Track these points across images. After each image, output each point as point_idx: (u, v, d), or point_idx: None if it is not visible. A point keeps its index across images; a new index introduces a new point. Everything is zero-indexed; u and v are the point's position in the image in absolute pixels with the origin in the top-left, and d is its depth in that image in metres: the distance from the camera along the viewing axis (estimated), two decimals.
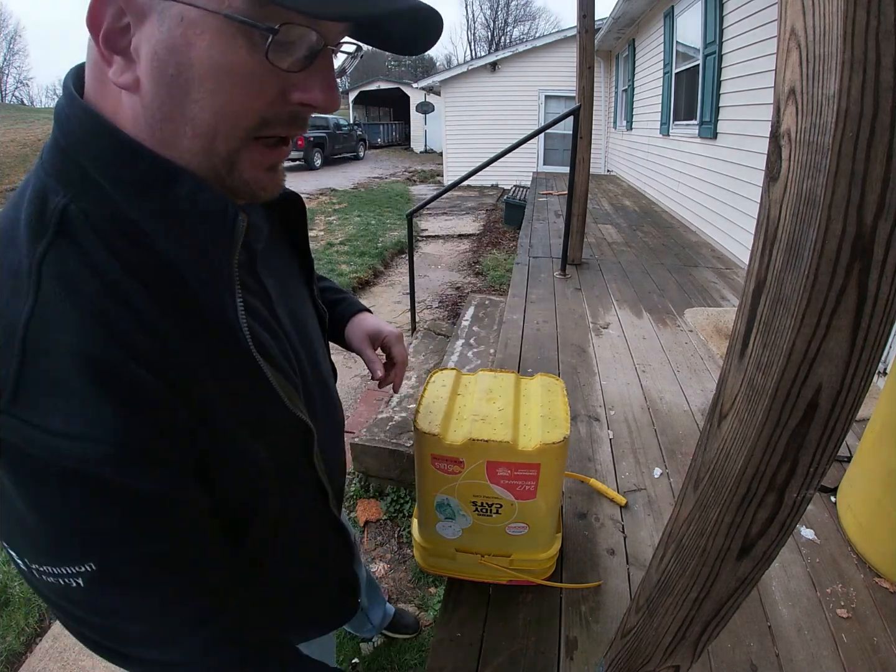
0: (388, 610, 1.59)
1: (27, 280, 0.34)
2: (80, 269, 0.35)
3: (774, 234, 0.39)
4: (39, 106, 37.25)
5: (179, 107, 0.37)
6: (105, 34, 0.35)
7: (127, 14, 0.34)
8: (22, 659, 1.66)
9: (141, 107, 0.37)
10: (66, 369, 0.33)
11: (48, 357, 0.33)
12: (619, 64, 9.52)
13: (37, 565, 0.36)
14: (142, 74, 0.36)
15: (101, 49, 0.35)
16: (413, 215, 3.58)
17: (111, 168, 0.38)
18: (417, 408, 0.91)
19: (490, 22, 38.22)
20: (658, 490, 1.46)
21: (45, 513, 0.34)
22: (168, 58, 0.35)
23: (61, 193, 0.37)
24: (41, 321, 0.33)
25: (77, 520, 0.34)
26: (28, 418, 0.32)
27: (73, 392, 0.33)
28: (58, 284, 0.34)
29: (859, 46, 0.30)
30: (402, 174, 13.94)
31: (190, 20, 0.34)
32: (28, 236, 0.35)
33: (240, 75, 0.36)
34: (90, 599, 0.37)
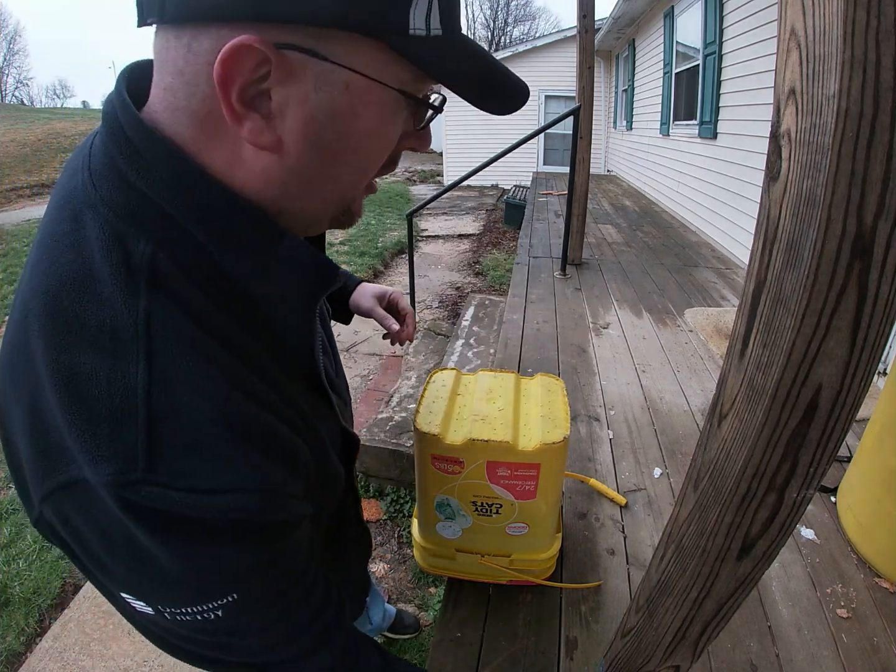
0: (389, 611, 1.60)
1: (134, 341, 0.31)
2: (188, 324, 0.33)
3: (774, 234, 0.39)
4: (39, 106, 37.28)
5: (328, 168, 0.36)
6: (241, 88, 0.31)
7: (271, 66, 0.31)
8: (22, 659, 1.66)
9: (281, 166, 0.35)
10: (203, 431, 0.32)
11: (179, 420, 0.32)
12: (619, 64, 9.52)
13: (172, 608, 0.36)
14: (286, 135, 0.33)
15: (233, 105, 0.31)
16: (413, 215, 3.58)
17: (212, 222, 0.35)
18: (417, 408, 0.91)
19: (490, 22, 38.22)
20: (658, 490, 1.46)
21: (193, 564, 0.34)
22: (328, 124, 0.34)
23: (142, 240, 0.33)
24: (164, 384, 0.31)
25: (224, 565, 0.35)
26: (170, 483, 0.31)
27: (214, 451, 0.32)
28: (171, 343, 0.32)
29: (859, 46, 0.30)
30: (402, 174, 13.93)
31: (357, 89, 0.33)
32: (119, 291, 0.32)
33: (389, 140, 0.38)
34: (222, 626, 0.38)
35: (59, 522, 0.33)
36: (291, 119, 0.33)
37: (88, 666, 1.62)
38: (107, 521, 0.32)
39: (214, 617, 0.36)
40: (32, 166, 11.16)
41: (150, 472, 0.30)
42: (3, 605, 1.82)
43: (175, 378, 0.32)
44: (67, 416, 0.31)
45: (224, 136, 0.34)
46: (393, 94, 0.35)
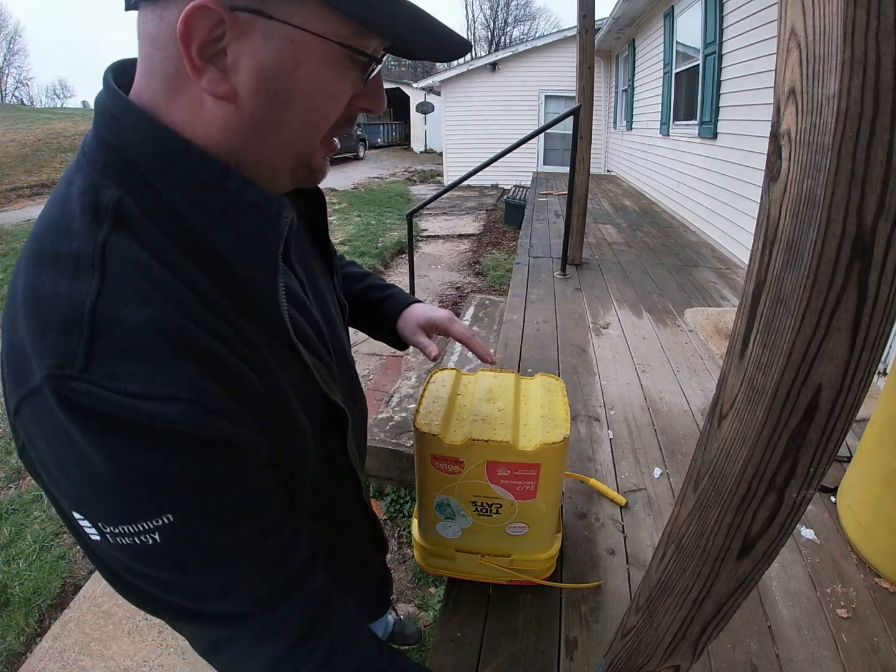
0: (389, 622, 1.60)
1: (90, 262, 0.35)
2: (140, 254, 0.37)
3: (774, 234, 0.39)
4: (39, 106, 37.26)
5: (277, 117, 0.40)
6: (200, 45, 0.36)
7: (226, 27, 0.36)
8: (22, 659, 1.66)
9: (236, 115, 0.40)
10: (141, 339, 0.35)
11: (121, 328, 0.34)
12: (619, 64, 9.52)
13: (112, 527, 0.36)
14: (240, 86, 0.38)
15: (194, 58, 0.36)
16: (413, 215, 3.58)
17: (164, 166, 0.39)
18: (417, 408, 0.91)
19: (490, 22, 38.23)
20: (658, 490, 1.46)
21: (123, 469, 0.35)
22: (275, 75, 0.38)
23: (113, 187, 0.38)
24: (110, 297, 0.35)
25: (155, 473, 0.35)
26: (107, 385, 0.33)
27: (150, 358, 0.35)
28: (122, 265, 0.36)
29: (859, 46, 0.30)
30: (402, 174, 13.93)
31: (301, 43, 0.38)
32: (85, 225, 0.37)
33: (334, 93, 0.42)
34: (165, 553, 0.38)
35: (27, 440, 0.37)
36: (244, 72, 0.38)
37: (88, 666, 1.62)
38: (53, 427, 0.34)
39: (152, 542, 0.37)
40: (32, 166, 11.15)
41: (85, 372, 0.33)
42: (3, 605, 1.82)
43: (122, 294, 0.35)
44: (28, 328, 0.35)
45: (188, 91, 0.39)
46: (335, 47, 0.39)
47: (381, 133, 23.47)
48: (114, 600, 1.81)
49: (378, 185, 11.43)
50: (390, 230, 7.15)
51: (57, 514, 0.42)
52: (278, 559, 0.45)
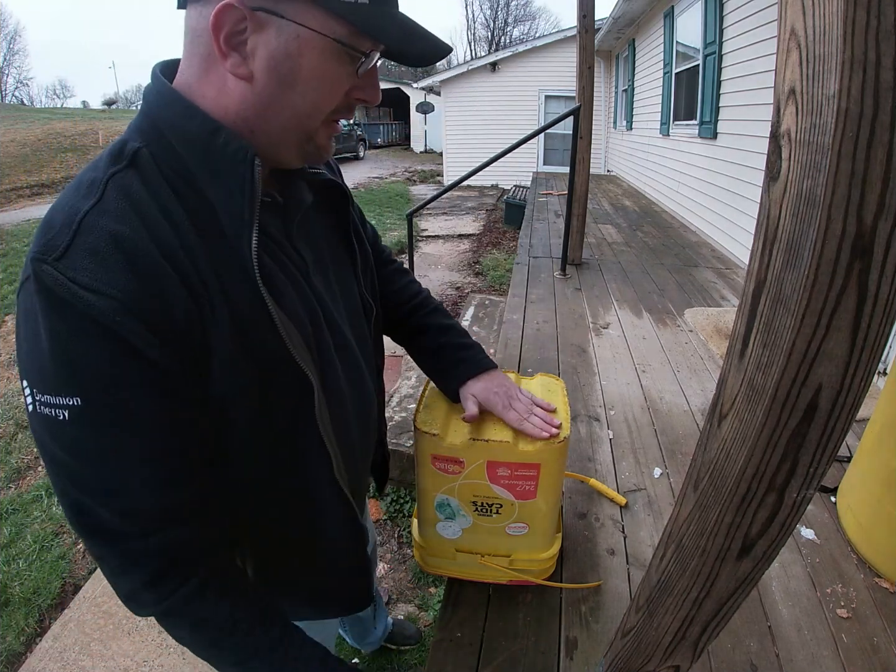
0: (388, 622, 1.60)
1: (97, 187, 0.46)
2: (138, 187, 0.47)
3: (774, 234, 0.39)
4: (39, 106, 37.24)
5: (284, 96, 0.49)
6: (227, 35, 0.46)
7: (247, 22, 0.45)
8: (22, 659, 1.66)
9: (251, 93, 0.49)
10: (105, 245, 0.43)
11: (94, 234, 0.43)
12: (619, 64, 9.52)
13: (39, 395, 0.44)
14: (256, 69, 0.48)
15: (221, 45, 0.46)
16: (413, 215, 3.58)
17: (178, 126, 0.49)
18: (417, 408, 0.91)
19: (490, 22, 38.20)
20: (658, 490, 1.46)
21: (57, 346, 0.43)
22: (283, 61, 0.47)
23: (138, 141, 0.49)
24: (98, 212, 0.44)
25: (76, 355, 0.43)
26: (65, 273, 0.42)
27: (104, 261, 0.42)
28: (118, 192, 0.46)
29: (859, 46, 0.30)
30: (402, 174, 13.94)
31: (305, 38, 0.47)
32: (106, 163, 0.48)
33: (331, 81, 0.50)
34: (66, 432, 0.45)
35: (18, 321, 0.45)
36: (259, 58, 0.47)
37: (88, 666, 1.62)
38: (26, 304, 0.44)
39: (62, 418, 0.44)
40: (32, 166, 11.16)
41: (58, 261, 0.42)
42: (3, 605, 1.82)
43: (107, 211, 0.44)
44: (40, 229, 0.45)
45: (216, 71, 0.49)
46: (334, 44, 0.48)
47: (381, 133, 23.47)
48: (114, 600, 1.81)
49: (378, 185, 11.43)
50: (390, 230, 7.15)
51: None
52: (161, 487, 0.49)
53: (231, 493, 0.58)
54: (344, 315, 0.67)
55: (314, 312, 0.59)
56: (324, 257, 0.65)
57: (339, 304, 0.66)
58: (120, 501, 0.48)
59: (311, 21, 0.46)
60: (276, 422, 0.56)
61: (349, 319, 0.68)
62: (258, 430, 0.55)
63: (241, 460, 0.57)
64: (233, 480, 0.57)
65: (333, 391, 0.61)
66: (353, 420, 0.68)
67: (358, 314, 0.72)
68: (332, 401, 0.60)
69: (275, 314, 0.51)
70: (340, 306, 0.66)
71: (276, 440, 0.57)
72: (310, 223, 0.64)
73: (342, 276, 0.69)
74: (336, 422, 0.61)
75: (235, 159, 0.49)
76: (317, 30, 0.47)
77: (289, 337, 0.53)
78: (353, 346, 0.67)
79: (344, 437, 0.64)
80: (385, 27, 0.49)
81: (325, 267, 0.65)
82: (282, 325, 0.52)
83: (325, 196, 0.68)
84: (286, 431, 0.57)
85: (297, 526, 0.65)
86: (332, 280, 0.66)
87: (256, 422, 0.54)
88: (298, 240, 0.61)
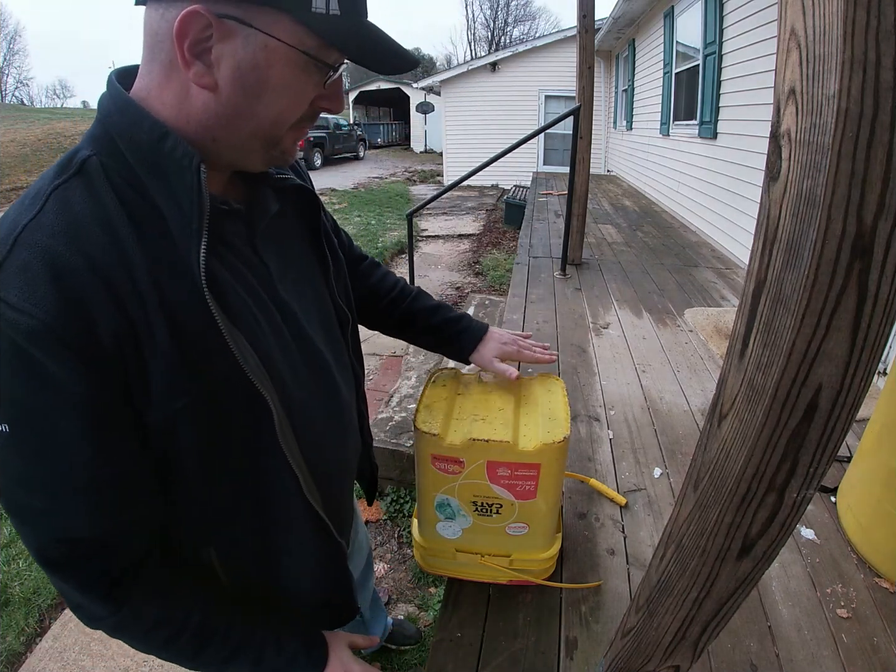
0: (387, 623, 1.60)
1: (40, 199, 0.44)
2: (80, 198, 0.45)
3: (774, 234, 0.39)
4: (39, 106, 37.23)
5: (249, 106, 0.48)
6: (191, 43, 0.44)
7: (213, 30, 0.44)
8: (22, 659, 1.66)
9: (215, 102, 0.47)
10: (34, 262, 0.42)
11: (27, 250, 0.42)
12: (619, 64, 9.52)
13: None
14: (220, 79, 0.46)
15: (185, 54, 0.44)
16: (413, 215, 3.58)
17: (127, 133, 0.47)
18: (417, 408, 0.91)
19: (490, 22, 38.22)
20: (658, 490, 1.46)
21: None
22: (250, 72, 0.46)
23: (89, 149, 0.47)
24: (35, 226, 0.43)
25: (2, 379, 0.42)
26: None
27: (32, 279, 0.41)
28: (59, 205, 0.44)
29: (859, 46, 0.30)
30: (402, 174, 13.94)
31: (273, 49, 0.45)
32: (53, 173, 0.46)
33: (298, 92, 0.49)
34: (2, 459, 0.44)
35: None
36: (225, 68, 0.46)
37: (88, 666, 1.62)
38: None
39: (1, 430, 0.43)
40: (32, 166, 11.15)
41: None
42: (3, 605, 1.81)
43: (44, 226, 0.43)
44: None
45: (177, 78, 0.47)
46: (301, 55, 0.46)
47: (381, 133, 23.47)
48: None
49: (378, 185, 11.43)
50: (390, 230, 7.15)
51: None
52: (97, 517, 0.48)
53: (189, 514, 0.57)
54: (316, 325, 0.64)
55: (276, 325, 0.57)
56: (293, 266, 0.63)
57: (310, 315, 0.63)
58: (54, 530, 0.47)
59: (280, 32, 0.45)
60: (233, 443, 0.54)
61: (322, 330, 0.66)
62: (212, 451, 0.53)
63: (198, 482, 0.54)
64: (190, 500, 0.56)
65: (299, 408, 0.58)
66: (327, 435, 0.65)
67: (331, 324, 0.69)
68: (297, 418, 0.58)
69: (224, 329, 0.48)
70: (312, 316, 0.64)
71: (234, 461, 0.55)
72: (278, 231, 0.62)
73: (313, 285, 0.67)
74: (303, 440, 0.59)
75: (181, 165, 0.47)
76: (286, 41, 0.45)
77: (241, 354, 0.50)
78: (325, 359, 0.64)
79: (314, 454, 0.61)
80: (354, 39, 0.48)
81: (295, 276, 0.63)
82: (233, 340, 0.49)
83: (294, 202, 0.65)
84: (245, 453, 0.55)
85: (264, 544, 0.62)
86: (303, 289, 0.64)
87: (210, 444, 0.52)
88: (264, 248, 0.58)
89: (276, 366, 0.55)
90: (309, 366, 0.61)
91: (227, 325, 0.49)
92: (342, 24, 0.47)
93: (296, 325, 0.60)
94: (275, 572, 0.66)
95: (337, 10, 0.46)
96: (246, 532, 0.61)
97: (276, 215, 0.61)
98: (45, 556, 0.48)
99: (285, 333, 0.58)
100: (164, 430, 0.49)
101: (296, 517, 0.62)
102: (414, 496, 1.62)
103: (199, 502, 0.56)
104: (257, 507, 0.59)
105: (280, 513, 0.61)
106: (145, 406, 0.47)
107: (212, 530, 0.59)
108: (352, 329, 0.75)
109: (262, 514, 0.60)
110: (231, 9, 0.43)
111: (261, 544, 0.62)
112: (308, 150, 13.55)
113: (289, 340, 0.58)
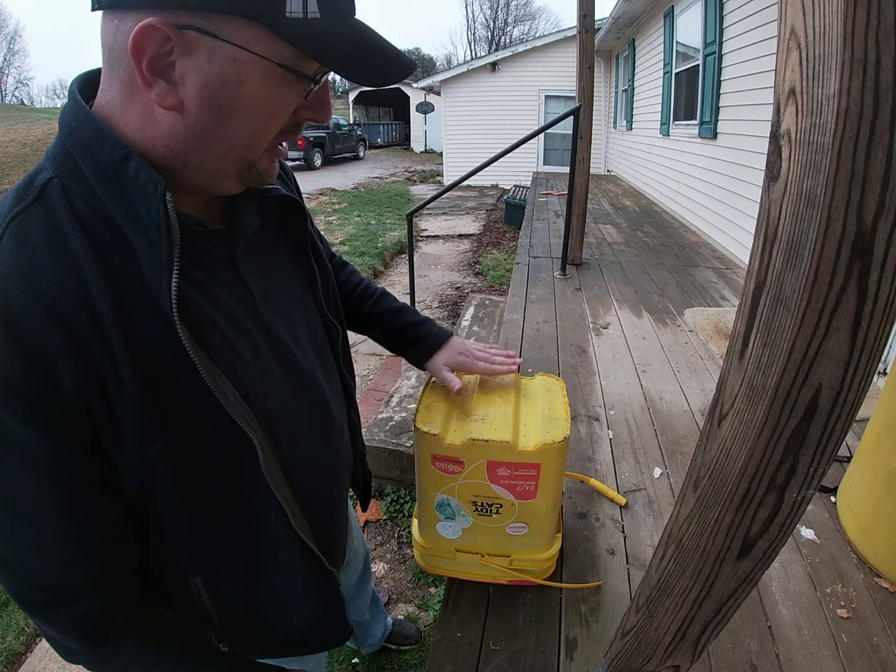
0: (387, 623, 1.60)
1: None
2: (38, 230, 0.41)
3: (774, 234, 0.39)
4: (39, 106, 37.24)
5: (220, 127, 0.43)
6: (150, 60, 0.39)
7: (173, 43, 0.39)
8: (22, 659, 1.66)
9: (182, 124, 0.43)
10: None
11: None
12: (619, 64, 9.52)
13: None
14: (186, 98, 0.41)
15: (144, 73, 0.39)
16: (413, 215, 3.58)
17: (89, 153, 0.43)
18: (417, 408, 0.91)
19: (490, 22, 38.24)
20: (658, 490, 1.46)
21: None
22: (219, 90, 0.41)
23: (51, 170, 0.43)
24: None
25: None
26: None
27: None
28: (15, 239, 0.40)
29: (859, 46, 0.30)
30: (402, 174, 13.94)
31: (243, 62, 0.40)
32: (11, 200, 0.42)
33: (275, 107, 0.44)
34: None
35: None
36: (190, 85, 0.41)
37: None
38: None
39: None
40: (32, 166, 11.14)
41: None
42: (3, 605, 1.81)
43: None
44: None
45: (140, 98, 0.42)
46: (276, 67, 0.41)
47: (381, 133, 23.47)
48: None
49: (378, 185, 11.43)
50: (390, 230, 7.14)
51: None
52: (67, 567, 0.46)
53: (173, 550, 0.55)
54: (306, 342, 0.62)
55: (260, 351, 0.54)
56: (278, 283, 0.59)
57: (296, 332, 0.60)
58: (32, 579, 0.46)
59: (250, 42, 0.39)
60: (215, 484, 0.51)
61: (312, 347, 0.63)
62: (193, 492, 0.50)
63: (179, 522, 0.52)
64: (172, 539, 0.54)
65: (286, 438, 0.56)
66: (318, 460, 0.63)
67: (321, 339, 0.66)
68: (285, 449, 0.56)
69: (200, 366, 0.45)
70: (300, 334, 0.61)
71: (216, 501, 0.53)
72: (261, 247, 0.58)
73: (300, 301, 0.64)
74: (291, 470, 0.56)
75: (146, 192, 0.42)
76: (257, 52, 0.40)
77: (220, 391, 0.47)
78: (313, 377, 0.62)
79: (303, 484, 0.59)
80: (337, 46, 0.42)
81: (280, 293, 0.59)
82: (210, 377, 0.46)
83: (278, 214, 0.61)
84: (228, 492, 0.53)
85: (252, 578, 0.60)
86: (289, 307, 0.60)
87: (190, 485, 0.50)
88: (246, 267, 0.54)
89: (259, 397, 0.52)
90: (296, 389, 0.58)
91: (203, 361, 0.45)
92: (323, 29, 0.41)
93: (281, 347, 0.57)
94: (263, 603, 0.63)
95: (317, 13, 0.40)
96: (232, 567, 0.59)
97: (259, 230, 0.57)
98: (24, 600, 0.47)
99: (269, 358, 0.55)
100: (140, 475, 0.47)
101: (284, 554, 0.60)
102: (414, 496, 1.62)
103: (182, 540, 0.54)
104: (243, 545, 0.57)
105: (267, 548, 0.59)
106: (117, 454, 0.45)
107: (197, 564, 0.57)
108: (342, 343, 0.72)
109: (249, 551, 0.58)
110: (191, 18, 0.38)
111: (248, 579, 0.60)
112: (308, 149, 13.57)
113: (273, 366, 0.55)
